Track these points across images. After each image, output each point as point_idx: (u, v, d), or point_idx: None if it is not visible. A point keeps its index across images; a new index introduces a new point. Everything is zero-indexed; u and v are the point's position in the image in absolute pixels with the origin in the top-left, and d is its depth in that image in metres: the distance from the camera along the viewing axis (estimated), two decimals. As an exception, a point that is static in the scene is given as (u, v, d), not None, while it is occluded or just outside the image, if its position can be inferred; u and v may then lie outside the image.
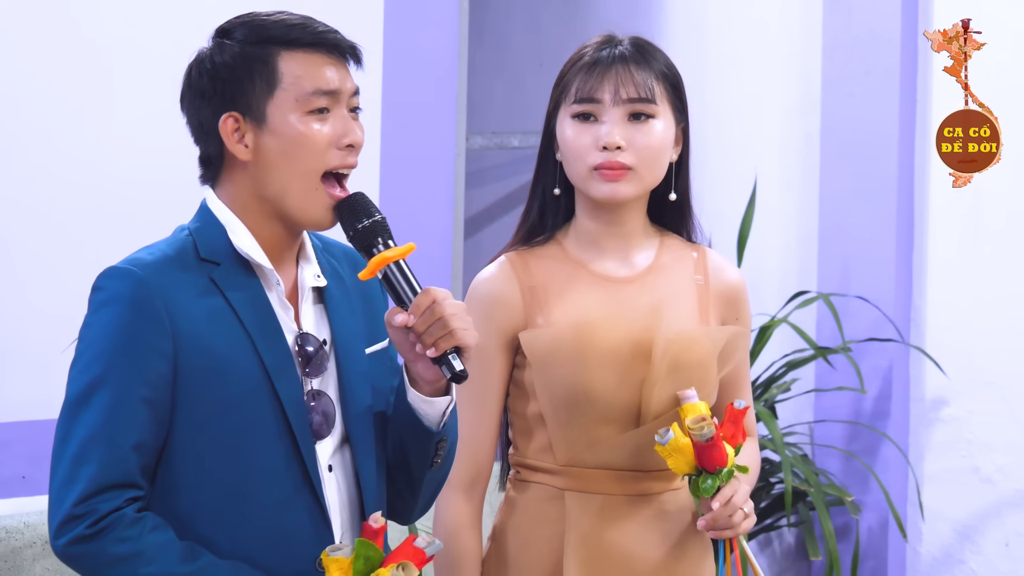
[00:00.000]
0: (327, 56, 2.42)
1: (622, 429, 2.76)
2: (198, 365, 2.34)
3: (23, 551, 3.97)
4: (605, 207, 2.81)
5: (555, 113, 2.83)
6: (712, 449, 2.64)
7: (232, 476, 2.34)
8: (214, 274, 2.39)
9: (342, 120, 2.41)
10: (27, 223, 4.04)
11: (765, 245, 5.15)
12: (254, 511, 2.35)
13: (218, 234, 2.41)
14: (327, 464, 2.42)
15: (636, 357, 2.75)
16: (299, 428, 2.37)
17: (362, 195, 2.41)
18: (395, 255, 2.38)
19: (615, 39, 2.83)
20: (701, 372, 2.77)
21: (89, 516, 2.28)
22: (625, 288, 2.82)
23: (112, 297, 2.37)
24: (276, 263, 2.43)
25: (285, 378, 2.38)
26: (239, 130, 2.40)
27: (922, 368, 4.84)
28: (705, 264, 2.89)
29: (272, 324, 2.39)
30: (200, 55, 2.45)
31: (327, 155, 2.39)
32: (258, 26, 2.42)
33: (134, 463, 2.31)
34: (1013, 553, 4.69)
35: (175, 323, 2.33)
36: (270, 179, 2.40)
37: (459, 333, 2.35)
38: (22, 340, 4.05)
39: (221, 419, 2.35)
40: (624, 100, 2.76)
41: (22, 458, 4.09)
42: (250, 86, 2.39)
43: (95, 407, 2.32)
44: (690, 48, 5.40)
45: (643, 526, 2.78)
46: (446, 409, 2.45)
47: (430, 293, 2.36)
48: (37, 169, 4.04)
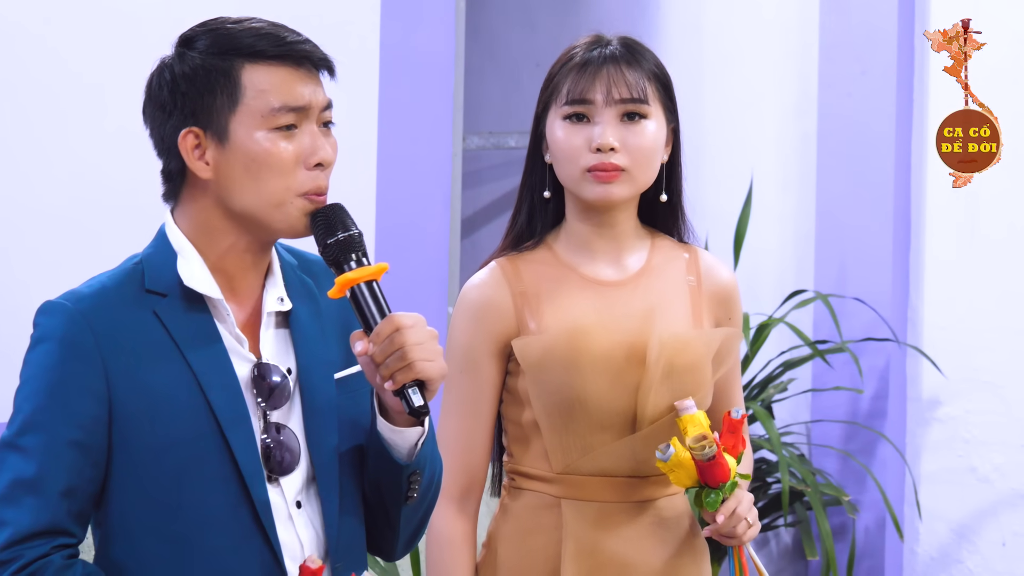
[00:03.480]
0: (295, 69, 2.25)
1: (617, 435, 2.73)
2: (135, 405, 2.21)
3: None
4: (597, 209, 2.78)
5: (544, 115, 2.79)
6: (715, 467, 2.62)
7: (174, 522, 2.21)
8: (158, 307, 2.24)
9: (310, 137, 2.25)
10: (26, 223, 4.03)
11: (762, 245, 5.15)
12: (199, 559, 2.22)
13: (168, 263, 2.27)
14: (295, 500, 2.27)
15: (630, 362, 2.73)
16: (248, 469, 2.22)
17: (339, 206, 2.25)
18: (365, 275, 2.22)
19: (604, 39, 2.80)
20: (696, 375, 2.75)
21: (15, 562, 2.17)
22: (617, 291, 2.79)
23: (44, 335, 2.26)
24: (237, 288, 2.29)
25: (233, 417, 2.23)
26: (200, 146, 2.24)
27: (919, 368, 4.84)
28: (697, 265, 2.86)
29: (220, 359, 2.24)
30: (161, 64, 2.30)
31: (296, 176, 2.23)
32: (222, 35, 2.26)
33: (63, 509, 2.19)
34: (1010, 553, 4.70)
35: (109, 361, 2.21)
36: (235, 196, 2.24)
37: (418, 366, 2.19)
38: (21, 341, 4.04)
39: (161, 462, 2.21)
40: (617, 100, 2.73)
41: (19, 459, 4.07)
42: (211, 100, 2.24)
43: (25, 451, 2.20)
44: (687, 48, 5.40)
45: (641, 533, 2.76)
46: (418, 440, 2.29)
47: (393, 320, 2.20)
48: (37, 169, 4.04)
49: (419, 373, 2.19)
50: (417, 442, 2.29)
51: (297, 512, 2.28)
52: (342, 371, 2.34)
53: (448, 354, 2.78)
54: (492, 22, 5.90)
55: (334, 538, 2.29)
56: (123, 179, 4.19)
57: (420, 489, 2.33)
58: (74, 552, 2.22)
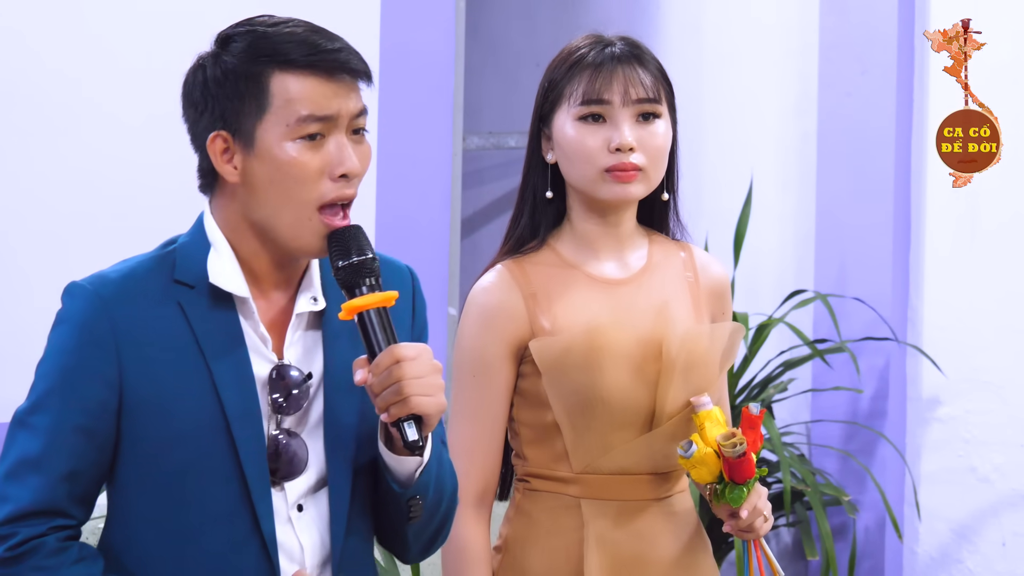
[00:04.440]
0: (327, 78, 2.22)
1: (636, 433, 2.75)
2: (145, 395, 2.20)
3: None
4: (604, 209, 2.79)
5: (550, 115, 2.80)
6: (743, 463, 2.66)
7: (175, 516, 2.21)
8: (183, 299, 2.24)
9: (337, 147, 2.22)
10: (26, 223, 4.03)
11: (762, 244, 5.15)
12: (196, 555, 2.22)
13: (200, 255, 2.26)
14: (296, 504, 2.26)
15: (647, 359, 2.74)
16: (253, 471, 2.22)
17: (357, 228, 2.23)
18: (372, 303, 2.20)
19: (606, 39, 2.80)
20: (707, 371, 2.78)
21: (10, 539, 2.19)
22: (623, 289, 2.81)
23: (64, 316, 2.25)
24: (267, 287, 2.28)
25: (243, 416, 2.22)
26: (228, 150, 2.23)
27: (919, 367, 4.84)
28: (693, 262, 2.88)
29: (238, 357, 2.23)
30: (197, 63, 2.29)
31: (320, 186, 2.21)
32: (257, 38, 2.24)
33: (63, 492, 2.20)
34: (1010, 553, 4.69)
35: (123, 349, 2.20)
36: (258, 205, 2.23)
37: (413, 401, 2.17)
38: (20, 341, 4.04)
39: (167, 455, 2.21)
40: (634, 100, 2.75)
41: (19, 459, 4.07)
42: (240, 106, 2.22)
43: (33, 429, 2.22)
44: (687, 48, 5.40)
45: (656, 529, 2.79)
46: (416, 469, 2.26)
47: (393, 352, 2.18)
48: (36, 170, 4.04)
49: (414, 408, 2.17)
50: (415, 471, 2.26)
51: (297, 515, 2.27)
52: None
53: (458, 358, 2.79)
54: (492, 22, 5.90)
55: (339, 548, 2.28)
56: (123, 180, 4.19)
57: (424, 511, 2.30)
58: (72, 534, 2.23)
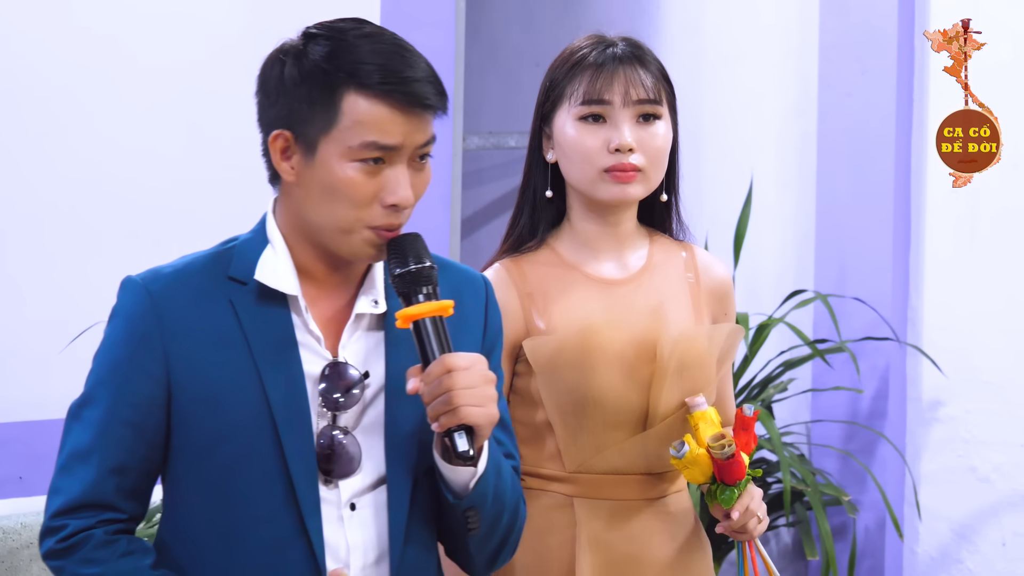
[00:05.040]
0: (399, 109, 2.19)
1: (630, 433, 2.76)
2: (193, 390, 2.22)
3: (20, 552, 3.97)
4: (604, 209, 2.80)
5: (550, 115, 2.80)
6: (733, 465, 2.66)
7: (224, 513, 2.22)
8: (235, 295, 2.24)
9: (394, 177, 2.20)
10: (25, 224, 4.03)
11: (762, 245, 5.15)
12: (244, 552, 2.22)
13: (256, 253, 2.26)
14: (349, 502, 2.25)
15: (640, 359, 2.74)
16: (298, 468, 2.22)
17: (416, 236, 2.23)
18: (427, 311, 2.19)
19: (607, 39, 2.81)
20: (703, 372, 2.78)
21: (61, 531, 2.22)
22: (621, 289, 2.81)
23: (116, 310, 2.27)
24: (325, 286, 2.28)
25: (290, 413, 2.22)
26: (288, 150, 2.23)
27: (919, 368, 4.84)
28: (695, 262, 2.88)
29: (287, 354, 2.23)
30: (278, 52, 2.25)
31: (370, 210, 2.20)
32: (340, 47, 2.20)
33: (112, 486, 2.22)
34: (1010, 553, 4.69)
35: (172, 345, 2.22)
36: (310, 209, 2.23)
37: (463, 411, 2.16)
38: (20, 341, 4.04)
39: (215, 451, 2.22)
40: (634, 101, 2.75)
41: (19, 458, 4.08)
42: (309, 113, 2.20)
43: (84, 422, 2.24)
44: (687, 48, 5.40)
45: (651, 529, 2.79)
46: (470, 480, 2.24)
47: (445, 362, 2.17)
48: (35, 170, 4.04)
49: (464, 419, 2.17)
50: (470, 481, 2.25)
51: (350, 514, 2.26)
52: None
53: None
54: (492, 22, 5.90)
55: (398, 551, 2.27)
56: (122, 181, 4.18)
57: (483, 523, 2.29)
58: (122, 528, 2.24)
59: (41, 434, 4.08)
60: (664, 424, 2.75)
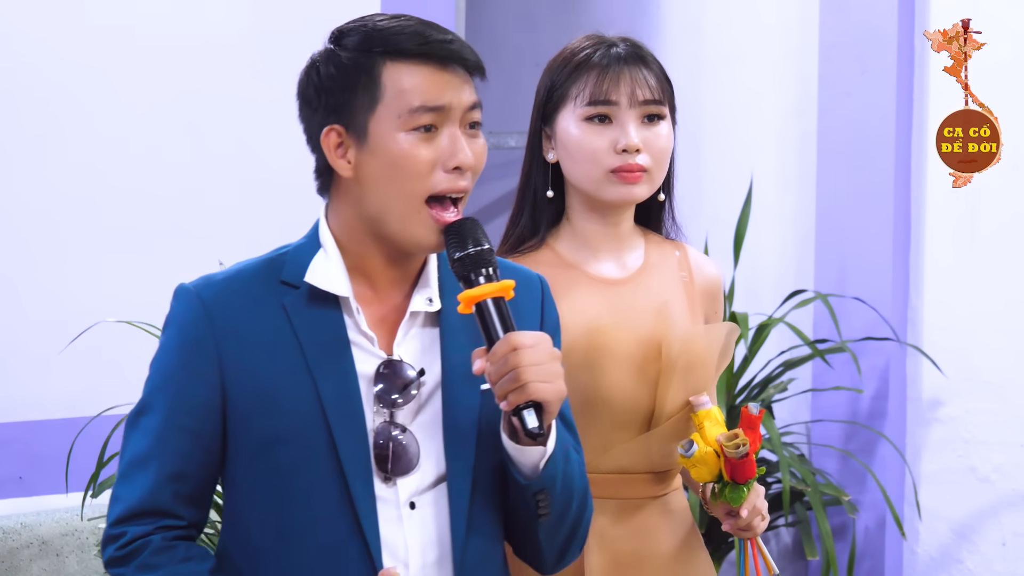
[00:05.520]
0: (438, 69, 2.22)
1: (635, 432, 2.77)
2: (247, 395, 2.23)
3: (20, 552, 3.97)
4: (606, 209, 2.81)
5: (552, 115, 2.81)
6: (745, 464, 2.68)
7: (281, 516, 2.23)
8: (287, 299, 2.26)
9: (450, 139, 2.22)
10: (25, 225, 4.03)
11: (762, 245, 5.15)
12: (302, 555, 2.23)
13: (308, 257, 2.28)
14: (408, 501, 2.26)
15: (647, 359, 2.76)
16: (353, 468, 2.22)
17: (473, 221, 2.23)
18: (489, 292, 2.20)
19: (608, 39, 2.82)
20: (705, 371, 2.80)
21: (120, 538, 2.24)
22: (622, 289, 2.82)
23: (170, 318, 2.29)
24: (379, 286, 2.29)
25: (343, 413, 2.23)
26: (342, 145, 2.24)
27: (919, 367, 4.84)
28: (688, 261, 2.90)
29: (339, 355, 2.24)
30: (311, 61, 2.29)
31: (432, 177, 2.21)
32: (369, 32, 2.24)
33: (169, 492, 2.24)
34: (1010, 553, 4.69)
35: (225, 350, 2.23)
36: (370, 199, 2.23)
37: (531, 387, 2.16)
38: (20, 341, 4.04)
39: (271, 454, 2.22)
40: (640, 102, 2.76)
41: (19, 459, 4.08)
42: (353, 98, 2.22)
43: (142, 430, 2.26)
44: (687, 48, 5.40)
45: (653, 526, 2.81)
46: (540, 460, 2.24)
47: (510, 340, 2.17)
48: (35, 171, 4.04)
49: (532, 395, 2.17)
50: (539, 462, 2.25)
51: (409, 513, 2.26)
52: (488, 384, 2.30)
53: None
54: (492, 22, 5.90)
55: (460, 548, 2.27)
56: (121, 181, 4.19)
57: (553, 508, 2.28)
58: (181, 535, 2.26)
59: (41, 434, 4.08)
60: (669, 423, 2.76)
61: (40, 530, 3.98)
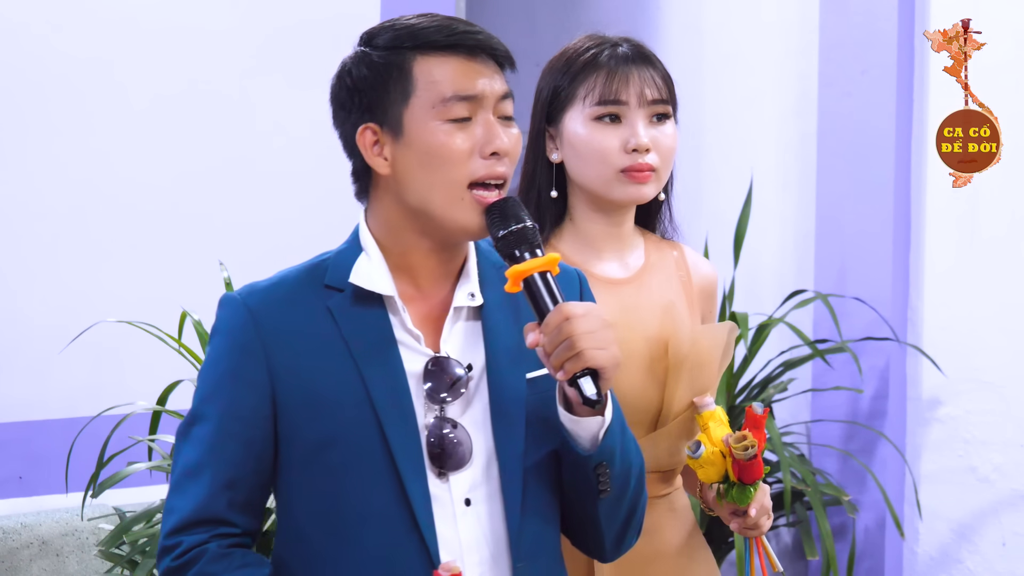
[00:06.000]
0: (468, 59, 2.26)
1: (643, 432, 2.78)
2: (297, 399, 2.24)
3: (20, 552, 3.97)
4: (611, 209, 2.81)
5: (557, 115, 2.81)
6: (753, 464, 2.68)
7: (336, 516, 2.24)
8: (331, 302, 2.27)
9: (485, 127, 2.25)
10: (25, 225, 4.03)
11: (762, 245, 5.15)
12: (359, 553, 2.24)
13: (351, 261, 2.29)
14: (464, 498, 2.27)
15: (655, 358, 2.77)
16: (407, 465, 2.24)
17: (514, 200, 2.25)
18: (535, 266, 2.22)
19: (612, 39, 2.83)
20: (709, 370, 2.81)
21: (175, 549, 2.24)
22: (626, 289, 2.82)
23: (216, 327, 2.30)
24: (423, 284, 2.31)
25: (394, 412, 2.25)
26: (378, 142, 2.27)
27: (919, 367, 4.84)
28: (685, 261, 2.91)
29: (387, 354, 2.26)
30: (342, 66, 2.32)
31: (470, 164, 2.24)
32: (398, 30, 2.28)
33: (223, 500, 2.24)
34: (1010, 553, 4.69)
35: (274, 355, 2.25)
36: (411, 192, 2.25)
37: (587, 354, 2.18)
38: (20, 341, 4.04)
39: (323, 456, 2.24)
40: (648, 101, 2.78)
41: (19, 459, 4.08)
42: (385, 95, 2.26)
43: (193, 440, 2.27)
44: (687, 48, 5.40)
45: (660, 524, 2.82)
46: (599, 431, 2.26)
47: (562, 310, 2.19)
48: (35, 171, 4.04)
49: (589, 361, 2.18)
50: (598, 432, 2.26)
51: (464, 510, 2.28)
52: (534, 372, 2.32)
53: None
54: (492, 22, 5.89)
55: (515, 538, 2.28)
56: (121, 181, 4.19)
57: (613, 483, 2.30)
58: (237, 542, 2.26)
59: (41, 434, 4.08)
60: (675, 423, 2.77)
61: (40, 530, 3.98)
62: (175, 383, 3.76)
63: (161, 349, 3.78)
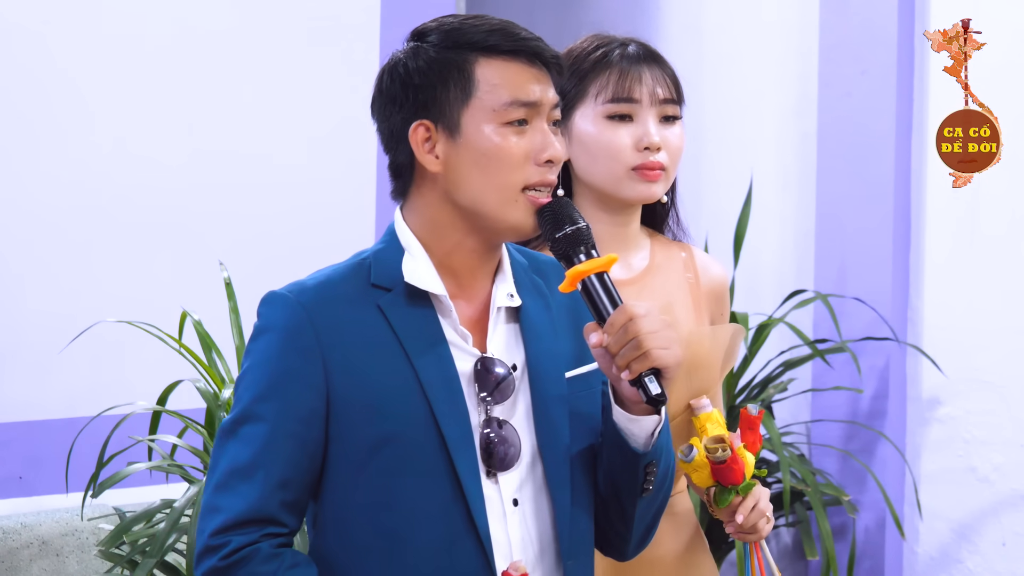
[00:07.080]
0: (527, 65, 2.29)
1: None
2: (353, 399, 2.24)
3: (20, 552, 3.97)
4: (617, 208, 2.81)
5: (567, 113, 2.79)
6: (727, 469, 2.66)
7: (388, 516, 2.24)
8: (381, 301, 2.27)
9: (541, 134, 2.28)
10: (25, 224, 4.03)
11: (762, 245, 5.15)
12: (411, 554, 2.24)
13: (395, 259, 2.29)
14: (512, 498, 2.28)
15: None
16: (464, 465, 2.24)
17: (566, 200, 2.28)
18: (594, 267, 2.24)
19: (618, 39, 2.83)
20: (708, 373, 2.80)
21: (223, 548, 2.21)
22: (627, 290, 2.81)
23: (266, 325, 2.27)
24: (465, 284, 2.32)
25: (451, 412, 2.25)
26: (430, 139, 2.27)
27: (919, 367, 4.84)
28: (694, 263, 2.90)
29: (441, 354, 2.26)
30: (394, 59, 2.32)
31: (525, 170, 2.26)
32: (455, 30, 2.29)
33: (276, 500, 2.23)
34: (1010, 553, 4.70)
35: (329, 354, 2.24)
36: (463, 190, 2.27)
37: (654, 354, 2.19)
38: (20, 341, 4.04)
39: (377, 456, 2.23)
40: (659, 101, 2.78)
41: (19, 459, 4.08)
42: (444, 93, 2.27)
43: (242, 439, 2.24)
44: (687, 48, 5.40)
45: (659, 529, 2.79)
46: (654, 430, 2.28)
47: (626, 310, 2.21)
48: (35, 171, 4.04)
49: (655, 361, 2.20)
50: (654, 431, 2.28)
51: (512, 510, 2.28)
52: (573, 370, 2.34)
53: None
54: (492, 22, 5.89)
55: (566, 536, 2.30)
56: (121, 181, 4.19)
57: (656, 480, 2.32)
58: (285, 542, 2.25)
59: (41, 434, 4.08)
60: (672, 426, 2.76)
61: (40, 530, 3.98)
62: (175, 383, 3.76)
63: (161, 349, 3.78)
